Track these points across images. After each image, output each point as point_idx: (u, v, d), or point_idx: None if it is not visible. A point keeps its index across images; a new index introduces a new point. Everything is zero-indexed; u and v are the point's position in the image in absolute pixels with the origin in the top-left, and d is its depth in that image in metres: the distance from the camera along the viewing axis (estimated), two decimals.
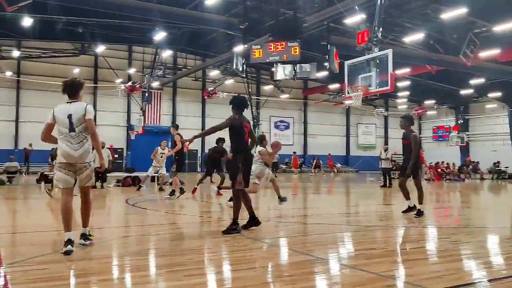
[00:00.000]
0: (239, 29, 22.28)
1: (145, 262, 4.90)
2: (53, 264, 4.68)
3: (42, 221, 8.45)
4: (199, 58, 36.60)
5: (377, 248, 5.69)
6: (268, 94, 39.72)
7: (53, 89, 32.16)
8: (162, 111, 37.87)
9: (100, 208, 11.15)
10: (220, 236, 6.33)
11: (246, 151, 6.83)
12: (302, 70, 21.73)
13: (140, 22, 28.08)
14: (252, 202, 6.97)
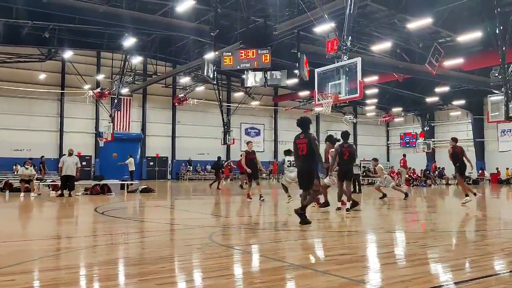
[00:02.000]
0: (210, 36, 22.27)
1: (116, 271, 4.82)
2: (20, 275, 4.56)
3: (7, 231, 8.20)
4: (170, 65, 36.37)
5: (348, 254, 5.77)
6: (238, 101, 39.76)
7: (16, 95, 31.61)
8: (132, 118, 37.38)
9: (68, 217, 10.93)
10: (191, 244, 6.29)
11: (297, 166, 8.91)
12: (273, 77, 21.89)
13: (109, 28, 27.76)
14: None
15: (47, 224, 9.50)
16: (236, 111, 39.69)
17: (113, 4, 22.01)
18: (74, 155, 17.08)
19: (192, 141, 38.48)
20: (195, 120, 39.45)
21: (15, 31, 28.16)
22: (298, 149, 8.45)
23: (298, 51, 21.01)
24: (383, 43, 24.77)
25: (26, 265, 4.94)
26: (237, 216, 10.87)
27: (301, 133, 8.58)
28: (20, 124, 32.39)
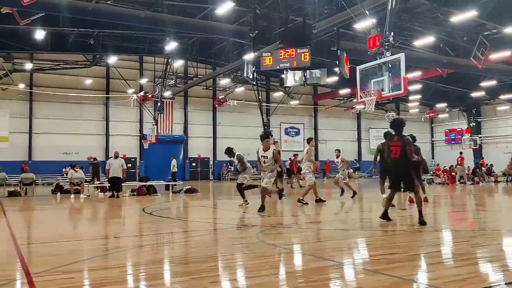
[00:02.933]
0: (249, 37, 22.41)
1: (169, 270, 4.96)
2: (78, 273, 4.78)
3: (61, 231, 8.58)
4: (210, 67, 36.81)
5: (398, 253, 5.70)
6: (278, 101, 39.78)
7: (65, 101, 32.87)
8: (174, 120, 38.09)
9: (117, 217, 11.28)
10: (237, 243, 6.39)
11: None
12: (312, 76, 21.71)
13: (151, 33, 28.41)
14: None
15: (98, 224, 9.86)
16: (276, 111, 39.73)
17: (155, 9, 22.52)
18: (120, 157, 17.61)
19: (232, 141, 38.63)
20: (235, 121, 39.75)
21: (62, 39, 29.29)
22: (390, 151, 8.41)
23: (338, 49, 20.79)
24: (426, 37, 24.16)
25: (82, 264, 5.18)
26: (283, 216, 10.91)
27: (395, 135, 8.46)
28: (68, 128, 33.63)
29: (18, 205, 14.96)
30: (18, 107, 32.70)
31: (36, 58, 32.64)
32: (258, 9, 22.30)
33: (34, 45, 28.17)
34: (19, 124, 32.69)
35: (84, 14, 20.82)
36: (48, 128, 33.24)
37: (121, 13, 21.58)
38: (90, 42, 28.53)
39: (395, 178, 8.71)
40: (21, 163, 27.15)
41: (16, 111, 32.66)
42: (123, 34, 28.71)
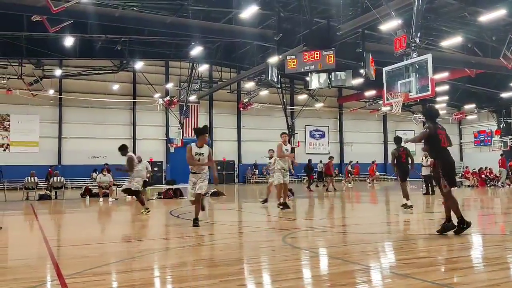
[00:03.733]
0: (273, 40, 22.46)
1: (197, 272, 5.00)
2: (108, 276, 4.86)
3: (91, 234, 8.75)
4: (234, 71, 37.01)
5: (428, 257, 5.61)
6: (302, 104, 39.68)
7: (93, 106, 33.54)
8: (199, 124, 38.37)
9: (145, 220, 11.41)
10: (265, 246, 6.39)
11: (444, 157, 7.20)
12: (337, 78, 21.61)
13: (176, 38, 28.76)
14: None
15: (126, 227, 10.00)
16: (300, 113, 39.63)
17: (180, 14, 22.78)
18: (145, 161, 17.82)
19: (257, 144, 38.75)
20: (260, 124, 39.80)
21: (90, 45, 29.91)
22: (439, 140, 7.14)
23: (363, 50, 20.65)
24: (453, 38, 23.72)
25: (111, 266, 5.27)
26: (310, 219, 10.86)
27: (436, 123, 7.42)
28: (96, 133, 34.27)
29: (48, 208, 15.32)
30: (48, 112, 33.53)
31: (65, 64, 33.42)
32: (282, 12, 22.33)
33: (63, 51, 28.86)
34: (49, 129, 33.51)
35: (111, 20, 21.27)
36: (77, 132, 33.97)
37: (147, 19, 21.96)
38: (117, 48, 29.04)
39: (452, 172, 7.28)
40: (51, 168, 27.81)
41: (46, 117, 33.50)
42: (149, 40, 29.15)
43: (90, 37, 27.67)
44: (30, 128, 32.87)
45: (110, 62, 34.29)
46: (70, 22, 20.24)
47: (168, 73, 37.38)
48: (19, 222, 11.27)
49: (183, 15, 22.91)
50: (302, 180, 33.81)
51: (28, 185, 19.66)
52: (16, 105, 31.88)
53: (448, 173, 7.05)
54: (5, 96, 29.82)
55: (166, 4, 22.96)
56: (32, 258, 6.06)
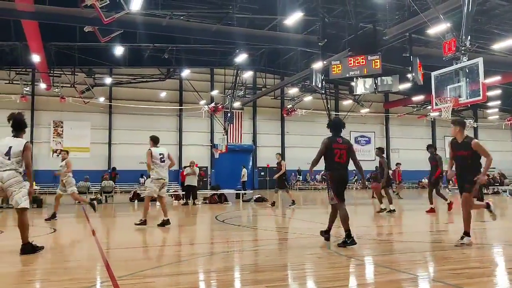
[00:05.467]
0: (317, 46, 22.37)
1: (246, 277, 5.04)
2: (157, 278, 5.00)
3: (140, 237, 8.99)
4: (278, 77, 37.11)
5: (480, 267, 5.42)
6: (347, 109, 39.23)
7: (141, 113, 34.53)
8: (243, 130, 38.73)
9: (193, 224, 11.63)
10: (310, 253, 6.37)
11: (334, 171, 7.27)
12: (384, 83, 21.18)
13: (221, 46, 29.23)
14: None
15: (173, 231, 10.21)
16: (345, 119, 39.12)
17: (225, 22, 23.14)
18: (194, 167, 18.22)
19: (301, 151, 38.57)
20: (304, 130, 39.63)
21: (138, 54, 30.91)
22: (334, 155, 7.28)
23: (411, 55, 20.20)
24: (505, 40, 22.80)
25: (160, 269, 5.41)
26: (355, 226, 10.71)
27: (339, 136, 7.50)
28: (144, 139, 34.88)
29: (99, 212, 15.85)
30: (99, 119, 34.81)
31: (115, 73, 34.61)
32: (326, 18, 22.23)
33: (113, 60, 29.95)
34: (100, 135, 34.78)
35: (159, 29, 21.90)
36: (126, 138, 35.05)
37: (193, 28, 22.44)
38: (165, 57, 29.81)
39: (340, 186, 7.29)
40: (101, 173, 28.81)
41: (97, 123, 34.79)
42: (195, 48, 29.77)
43: (139, 46, 28.61)
44: (81, 134, 34.24)
45: (158, 70, 35.24)
46: (120, 32, 21.02)
47: (213, 80, 37.96)
48: (72, 225, 11.73)
49: (228, 23, 23.25)
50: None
51: (80, 189, 20.42)
52: (68, 112, 33.31)
53: (336, 187, 7.17)
54: (59, 103, 31.20)
55: (212, 12, 23.37)
56: (85, 259, 6.30)
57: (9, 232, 9.38)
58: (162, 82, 35.61)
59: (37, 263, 6.14)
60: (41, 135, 33.69)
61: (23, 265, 6.03)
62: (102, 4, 15.80)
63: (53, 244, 8.09)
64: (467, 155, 6.81)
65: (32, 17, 19.44)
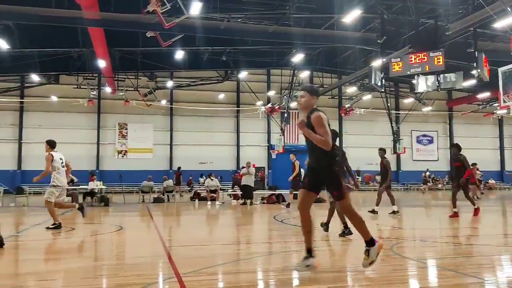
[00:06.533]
0: (376, 43, 21.92)
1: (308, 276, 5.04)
2: (219, 276, 5.12)
3: (200, 235, 9.23)
4: (335, 76, 36.70)
5: None
6: (408, 108, 38.07)
7: (200, 114, 35.36)
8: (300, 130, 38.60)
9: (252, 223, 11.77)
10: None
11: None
12: (447, 80, 20.45)
13: (278, 46, 29.33)
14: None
15: (233, 230, 10.40)
16: (406, 118, 38.04)
17: (282, 23, 23.20)
18: (250, 167, 18.44)
19: (360, 151, 37.91)
20: (362, 130, 38.92)
21: (197, 57, 31.65)
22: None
23: (475, 50, 19.31)
24: None
25: (221, 267, 5.54)
26: (420, 229, 10.43)
27: None
28: (203, 140, 36.04)
29: (162, 210, 16.41)
30: (160, 121, 36.02)
31: (176, 76, 35.64)
32: (385, 15, 21.74)
33: (174, 64, 30.86)
34: (162, 137, 35.99)
35: (217, 33, 22.32)
36: (186, 139, 36.02)
37: (250, 30, 22.72)
38: (223, 59, 30.36)
39: None
40: (163, 173, 29.82)
41: (159, 125, 36.01)
42: (252, 50, 30.05)
43: (198, 49, 29.29)
44: (145, 136, 35.59)
45: (216, 72, 35.92)
46: (180, 36, 21.65)
47: (269, 81, 38.15)
48: (137, 223, 12.22)
49: (284, 23, 23.30)
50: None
51: (144, 189, 21.26)
52: (132, 115, 34.70)
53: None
54: (123, 106, 32.57)
55: (269, 13, 23.52)
56: (150, 256, 6.55)
57: (80, 230, 9.93)
58: (220, 84, 36.27)
59: (105, 258, 6.48)
60: (107, 137, 35.33)
61: (92, 260, 6.38)
62: (163, 9, 16.36)
63: (120, 241, 8.48)
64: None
65: (98, 24, 20.45)
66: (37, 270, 5.43)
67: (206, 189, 20.14)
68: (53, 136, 11.31)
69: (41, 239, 8.29)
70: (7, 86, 32.85)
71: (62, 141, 32.93)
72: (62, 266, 5.64)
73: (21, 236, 8.87)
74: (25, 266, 5.87)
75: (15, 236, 8.89)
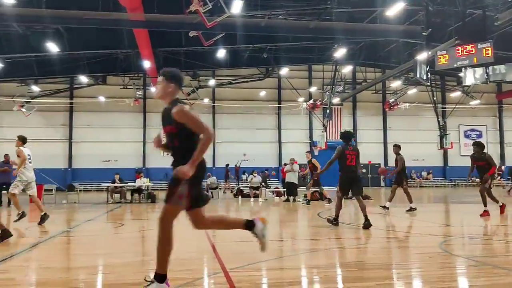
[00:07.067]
0: (421, 36, 21.37)
1: (355, 274, 5.02)
2: (268, 271, 5.18)
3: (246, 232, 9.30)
4: (379, 70, 36.05)
5: None
6: (455, 102, 36.88)
7: (242, 112, 35.61)
8: (343, 126, 38.18)
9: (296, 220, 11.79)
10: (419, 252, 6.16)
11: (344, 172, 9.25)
12: (496, 72, 19.69)
13: (319, 42, 29.11)
14: None
15: (276, 227, 10.43)
16: (453, 112, 36.86)
17: (323, 18, 23.00)
18: (294, 164, 18.43)
19: (404, 146, 36.81)
20: (407, 125, 38.06)
21: (238, 55, 31.90)
22: (346, 159, 9.19)
23: None
24: None
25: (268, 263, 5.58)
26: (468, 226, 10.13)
27: (349, 144, 9.51)
28: (245, 137, 36.30)
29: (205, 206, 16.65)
30: (203, 119, 36.10)
31: (218, 74, 36.06)
32: (430, 6, 21.13)
33: (215, 63, 31.25)
34: None
35: (258, 30, 22.42)
36: (229, 137, 36.41)
37: (291, 26, 22.66)
38: (264, 56, 30.44)
39: (346, 185, 9.36)
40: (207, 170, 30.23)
41: None
42: (292, 46, 29.98)
43: (239, 47, 29.51)
44: None
45: (257, 70, 36.05)
46: (222, 35, 21.87)
47: (311, 77, 37.94)
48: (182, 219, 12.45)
49: (326, 18, 23.09)
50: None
51: None
52: None
53: (343, 185, 9.28)
54: None
55: (310, 9, 23.36)
56: (197, 251, 6.69)
57: (128, 226, 10.25)
58: (261, 81, 36.39)
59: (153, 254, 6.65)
60: (152, 135, 36.11)
61: (143, 255, 6.59)
62: (205, 9, 16.60)
63: None
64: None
65: (142, 25, 20.97)
66: (89, 265, 5.66)
67: (249, 186, 20.29)
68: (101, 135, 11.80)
69: (92, 235, 8.62)
70: (57, 88, 34.24)
71: (109, 140, 34.70)
72: (113, 260, 5.85)
73: (73, 232, 9.25)
74: (77, 261, 6.14)
75: (67, 231, 9.29)
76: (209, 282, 4.69)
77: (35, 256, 6.39)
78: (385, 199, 16.04)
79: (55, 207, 16.22)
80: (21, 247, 6.86)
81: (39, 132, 34.29)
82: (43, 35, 23.53)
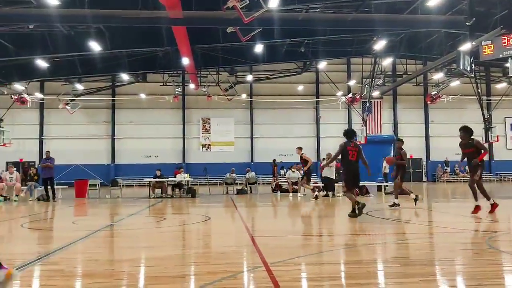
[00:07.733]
0: (464, 26, 20.63)
1: (398, 270, 4.94)
2: (309, 266, 5.17)
3: (286, 226, 9.33)
4: (420, 62, 35.11)
5: None
6: (501, 93, 35.48)
7: (279, 107, 35.56)
8: (383, 120, 37.53)
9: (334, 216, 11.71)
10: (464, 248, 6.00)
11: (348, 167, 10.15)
12: None
13: (358, 34, 28.64)
14: None
15: (316, 222, 10.40)
16: (499, 104, 35.49)
17: (362, 10, 22.58)
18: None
19: (447, 140, 36.01)
20: (450, 118, 36.92)
21: (275, 50, 31.78)
22: (348, 155, 10.03)
23: None
24: None
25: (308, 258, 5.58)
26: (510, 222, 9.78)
27: (351, 141, 10.48)
28: (283, 132, 36.28)
29: (245, 201, 16.79)
30: (241, 115, 36.77)
31: (255, 70, 36.11)
32: None
33: (253, 58, 31.28)
34: (242, 130, 36.74)
35: (296, 24, 22.25)
36: (266, 132, 36.52)
37: (329, 19, 22.35)
38: (301, 50, 30.22)
39: (350, 179, 10.23)
40: (245, 165, 30.51)
41: (240, 119, 36.79)
42: (330, 39, 29.61)
43: (276, 42, 29.40)
44: (226, 129, 36.59)
45: (294, 64, 35.85)
46: (259, 30, 21.86)
47: (349, 70, 37.44)
48: (222, 213, 12.62)
49: (364, 10, 22.65)
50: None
51: (228, 181, 21.91)
52: (214, 109, 35.77)
53: (348, 180, 10.11)
54: (206, 101, 33.64)
55: (347, 1, 22.99)
56: (237, 245, 6.76)
57: (170, 220, 10.46)
58: (298, 75, 36.18)
59: (196, 247, 6.79)
60: (191, 131, 36.76)
61: (184, 248, 6.72)
62: (243, 4, 16.61)
63: (208, 230, 8.82)
64: None
65: (181, 23, 21.21)
66: (132, 257, 5.82)
67: (287, 181, 20.27)
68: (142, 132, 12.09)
69: (135, 228, 8.85)
70: (99, 86, 35.25)
71: (150, 136, 35.46)
72: (155, 253, 5.98)
73: (117, 226, 9.52)
74: (121, 253, 6.32)
75: (111, 225, 9.58)
76: (250, 276, 4.72)
77: (83, 249, 6.62)
78: (427, 195, 15.70)
79: (100, 202, 16.74)
80: (70, 239, 7.12)
81: (83, 129, 35.46)
82: (86, 34, 24.21)
